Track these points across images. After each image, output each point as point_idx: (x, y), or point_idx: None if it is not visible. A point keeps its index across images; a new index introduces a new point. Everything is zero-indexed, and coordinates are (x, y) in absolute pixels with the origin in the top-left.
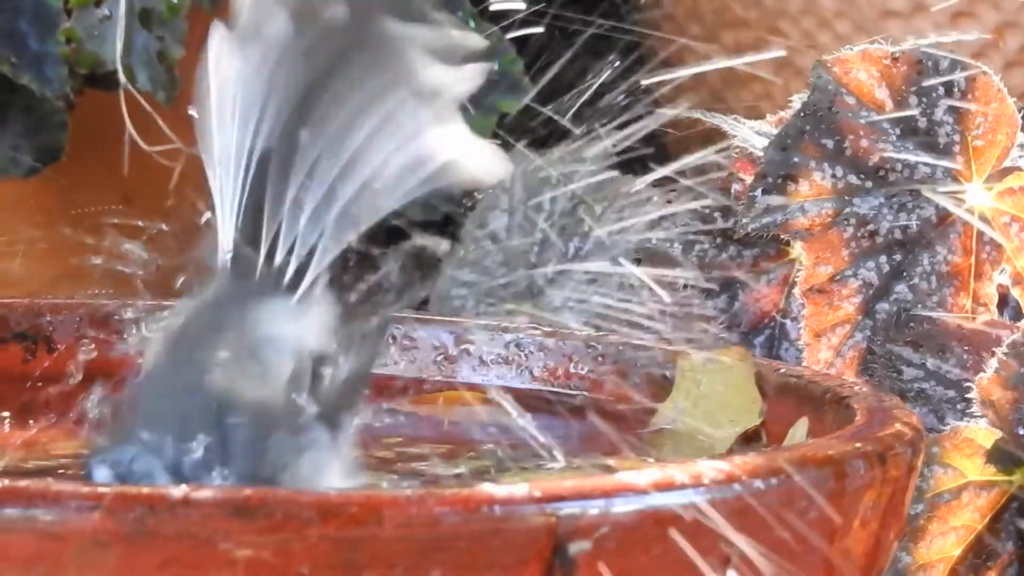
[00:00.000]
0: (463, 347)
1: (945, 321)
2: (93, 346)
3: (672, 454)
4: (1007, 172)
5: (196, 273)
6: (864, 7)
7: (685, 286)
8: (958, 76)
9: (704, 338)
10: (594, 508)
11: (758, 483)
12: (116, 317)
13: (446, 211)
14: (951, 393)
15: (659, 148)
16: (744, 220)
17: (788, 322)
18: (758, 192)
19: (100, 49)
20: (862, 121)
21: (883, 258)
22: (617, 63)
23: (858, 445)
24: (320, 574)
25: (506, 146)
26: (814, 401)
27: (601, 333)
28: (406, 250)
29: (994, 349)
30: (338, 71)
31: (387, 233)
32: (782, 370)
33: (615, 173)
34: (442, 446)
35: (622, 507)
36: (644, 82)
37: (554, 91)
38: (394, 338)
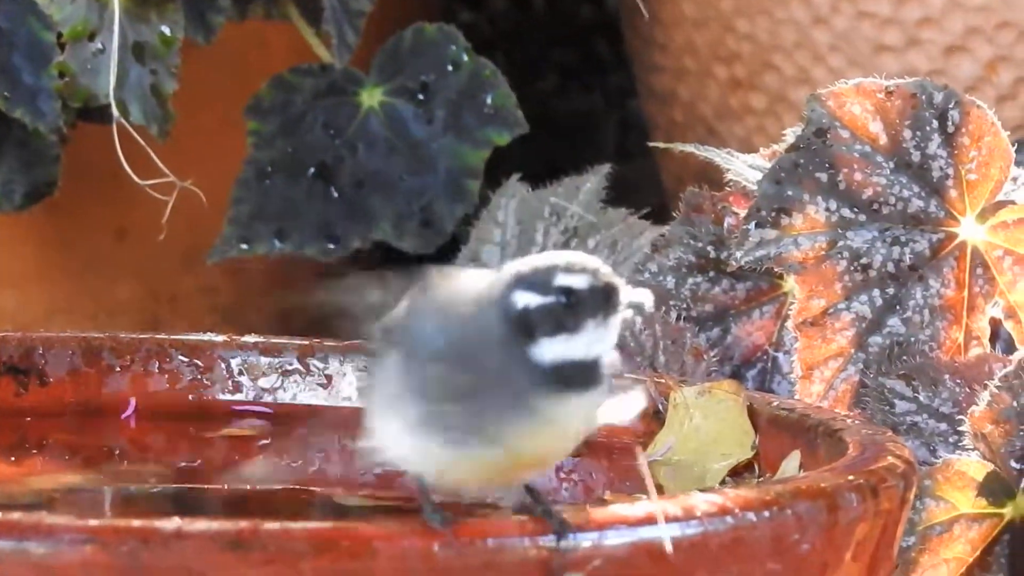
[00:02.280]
0: None
1: (938, 355)
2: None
3: (666, 486)
4: (1000, 206)
5: None
6: (858, 42)
7: (679, 318)
8: (952, 110)
9: (697, 371)
10: (587, 541)
11: (751, 516)
12: (108, 351)
13: (440, 244)
14: (943, 426)
15: (655, 181)
16: (738, 253)
17: (781, 355)
18: (752, 226)
19: (93, 83)
20: (856, 155)
21: (876, 292)
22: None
23: (851, 478)
24: None
25: (499, 179)
26: (807, 434)
27: None
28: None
29: (986, 382)
30: None
31: (385, 262)
32: (775, 403)
33: (608, 207)
34: None
35: (615, 539)
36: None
37: (547, 124)
38: None
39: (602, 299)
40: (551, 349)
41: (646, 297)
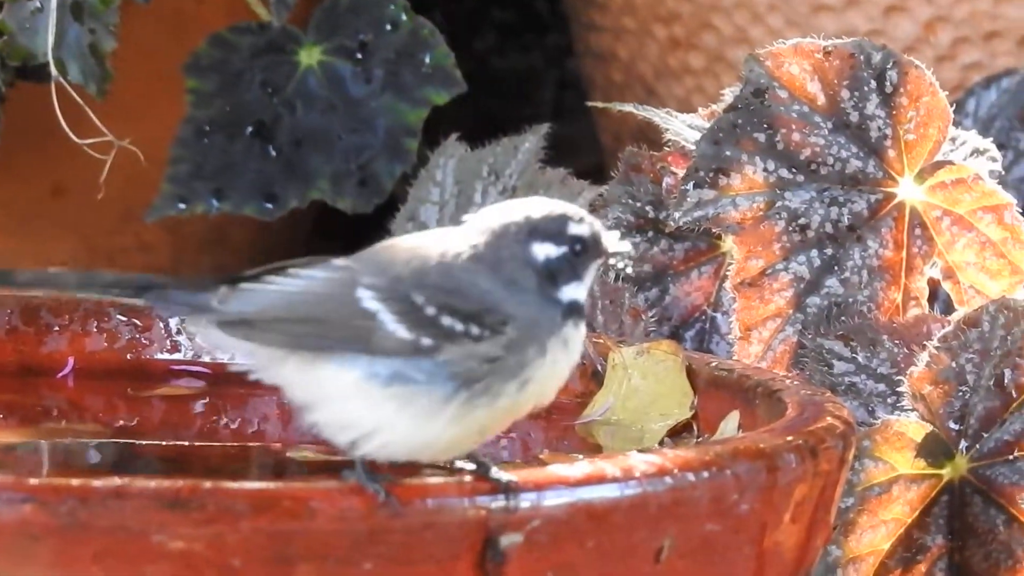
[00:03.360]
0: None
1: (876, 315)
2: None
3: (605, 446)
4: (939, 166)
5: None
6: (796, 2)
7: (617, 278)
8: (890, 70)
9: (635, 331)
10: (525, 501)
11: (690, 476)
12: (46, 310)
13: (378, 203)
14: (882, 387)
15: (593, 141)
16: (676, 214)
17: (719, 316)
18: (690, 186)
19: (31, 42)
20: (794, 115)
21: (814, 252)
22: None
23: (789, 439)
24: (253, 566)
25: (438, 138)
26: (745, 395)
27: None
28: None
29: (925, 343)
30: None
31: (322, 221)
32: (713, 364)
33: (547, 166)
34: None
35: (554, 500)
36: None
37: (486, 83)
38: None
39: (598, 246)
40: (568, 292)
41: (626, 246)
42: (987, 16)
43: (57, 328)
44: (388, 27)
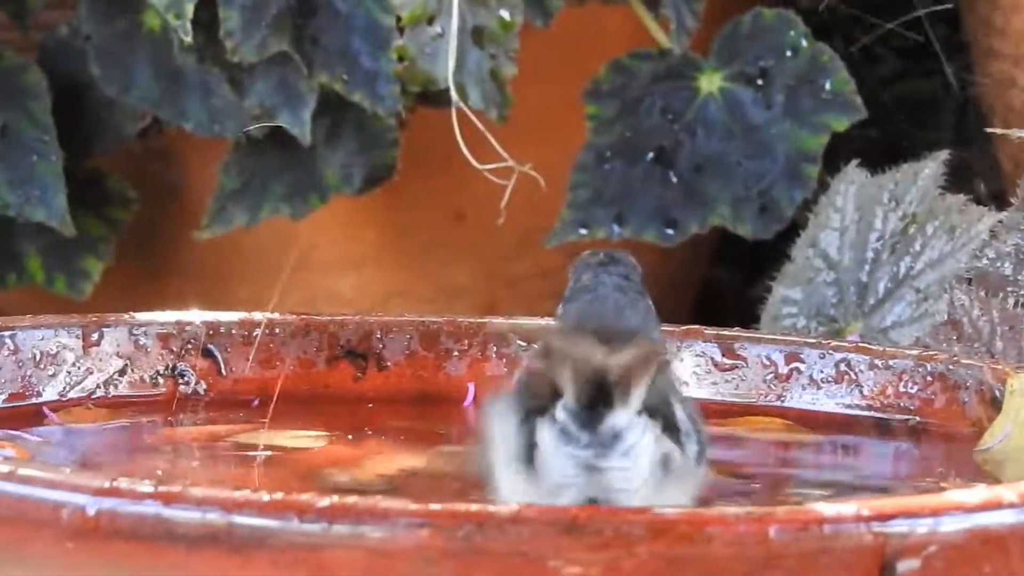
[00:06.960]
0: (793, 365)
1: None
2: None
3: (1003, 475)
4: None
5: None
6: None
7: (1016, 304)
8: None
9: None
10: (922, 527)
11: None
12: (446, 335)
13: (779, 229)
14: None
15: (993, 167)
16: None
17: None
18: None
19: (432, 67)
20: None
21: None
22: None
23: None
24: None
25: (837, 164)
26: None
27: (931, 351)
28: None
29: None
30: None
31: (722, 247)
32: None
33: (946, 193)
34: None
35: (951, 526)
36: None
37: (885, 109)
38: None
39: None
40: None
41: None
42: None
43: (456, 353)
44: (788, 53)
